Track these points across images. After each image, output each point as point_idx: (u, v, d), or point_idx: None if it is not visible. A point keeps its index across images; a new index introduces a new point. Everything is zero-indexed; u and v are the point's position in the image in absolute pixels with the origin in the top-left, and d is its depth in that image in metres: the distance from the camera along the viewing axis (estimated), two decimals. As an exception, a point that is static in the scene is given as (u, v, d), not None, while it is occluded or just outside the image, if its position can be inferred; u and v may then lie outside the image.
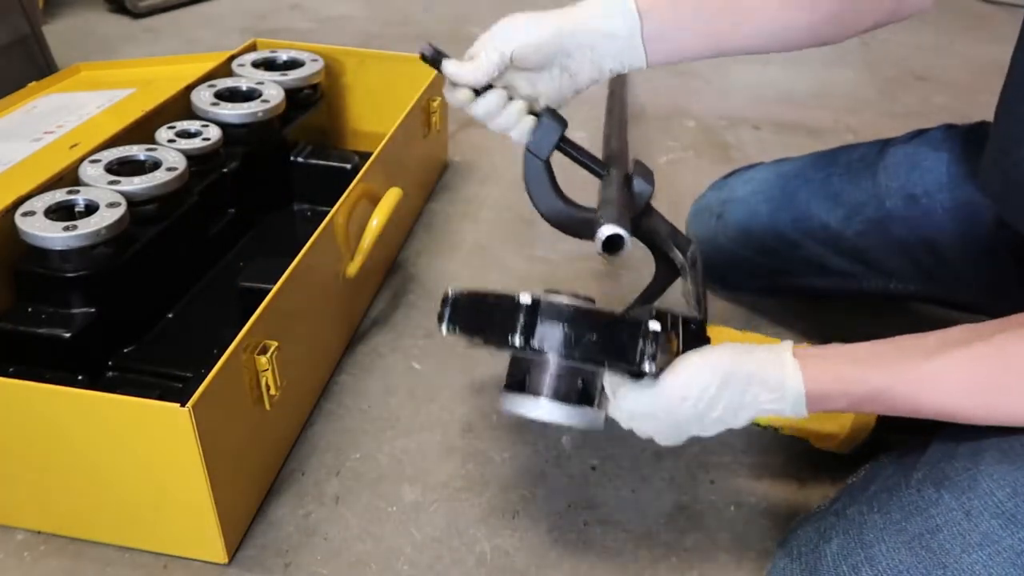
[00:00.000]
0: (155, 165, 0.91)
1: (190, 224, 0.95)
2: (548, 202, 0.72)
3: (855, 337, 0.60)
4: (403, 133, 1.08)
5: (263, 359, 0.70)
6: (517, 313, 0.58)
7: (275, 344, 0.71)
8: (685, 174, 1.38)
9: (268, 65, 1.19)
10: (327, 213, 0.86)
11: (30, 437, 0.66)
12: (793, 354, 0.58)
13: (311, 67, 1.18)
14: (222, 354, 0.65)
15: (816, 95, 1.72)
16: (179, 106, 1.06)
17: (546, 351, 0.58)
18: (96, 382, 0.83)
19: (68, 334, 0.80)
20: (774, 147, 1.50)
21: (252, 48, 1.25)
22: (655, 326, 0.58)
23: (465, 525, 0.77)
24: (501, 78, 0.67)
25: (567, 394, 0.60)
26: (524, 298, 0.58)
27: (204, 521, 0.68)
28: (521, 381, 0.61)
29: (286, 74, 1.15)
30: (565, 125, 0.69)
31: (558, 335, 0.58)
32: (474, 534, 0.76)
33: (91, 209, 0.83)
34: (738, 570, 0.74)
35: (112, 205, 0.83)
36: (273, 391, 0.72)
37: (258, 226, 1.10)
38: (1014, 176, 0.68)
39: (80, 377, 0.82)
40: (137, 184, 0.87)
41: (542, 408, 0.60)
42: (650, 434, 0.62)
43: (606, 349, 0.58)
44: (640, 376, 0.59)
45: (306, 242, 0.81)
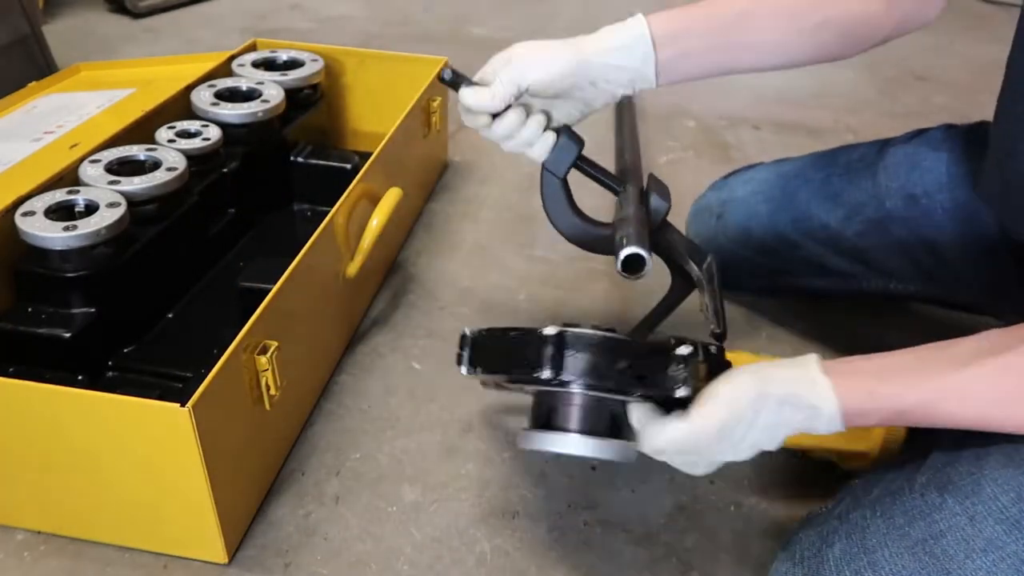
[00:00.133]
0: (155, 165, 0.91)
1: (190, 224, 0.95)
2: (566, 220, 0.73)
3: (855, 337, 0.61)
4: (403, 133, 1.08)
5: (263, 359, 0.70)
6: (544, 345, 0.56)
7: (275, 344, 0.71)
8: (685, 174, 1.38)
9: (268, 65, 1.19)
10: (327, 213, 0.86)
11: (30, 437, 0.66)
12: (823, 371, 0.57)
13: (311, 67, 1.18)
14: (222, 354, 0.65)
15: (816, 95, 1.72)
16: (179, 106, 1.06)
17: (575, 382, 0.57)
18: (96, 382, 0.83)
19: (68, 334, 0.80)
20: (774, 147, 1.50)
21: (252, 48, 1.25)
22: (684, 350, 0.57)
23: (465, 525, 0.77)
24: (515, 101, 0.69)
25: (597, 428, 0.59)
26: (549, 330, 0.57)
27: (204, 521, 0.68)
28: (546, 419, 0.60)
29: (286, 74, 1.15)
30: (582, 144, 0.70)
31: (588, 364, 0.56)
32: (474, 534, 0.76)
33: (91, 209, 0.83)
34: (738, 570, 0.74)
35: (112, 205, 0.83)
36: (273, 391, 0.72)
37: (258, 226, 1.10)
38: (1014, 183, 0.68)
39: (80, 377, 0.82)
40: (137, 184, 0.87)
41: (573, 443, 0.59)
42: (681, 465, 0.61)
43: (638, 376, 0.57)
44: (670, 403, 0.58)
45: (306, 242, 0.81)
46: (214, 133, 1.00)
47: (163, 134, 0.99)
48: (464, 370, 0.62)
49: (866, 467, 0.77)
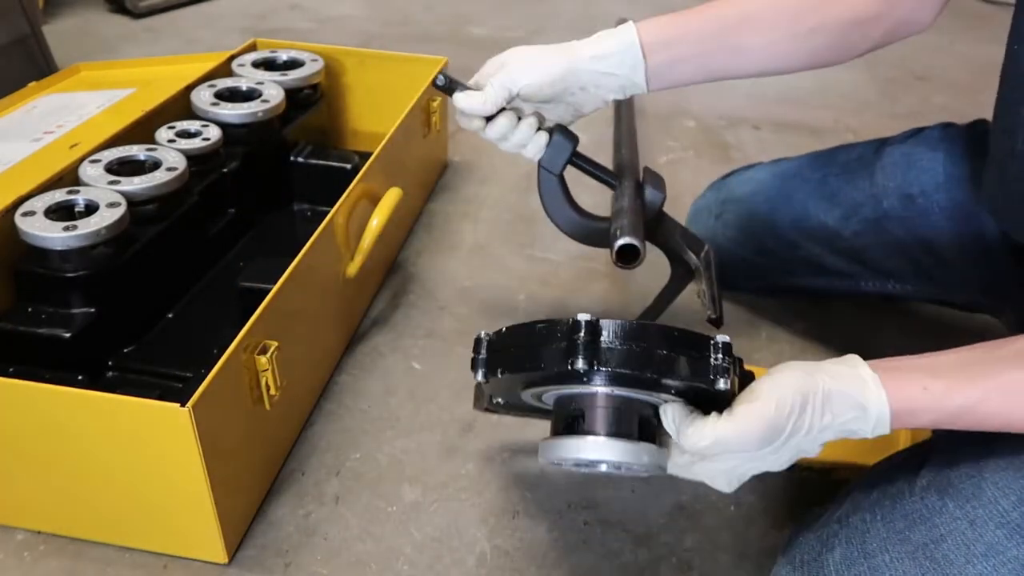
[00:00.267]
0: (155, 165, 0.91)
1: (190, 224, 0.95)
2: (564, 215, 0.74)
3: (855, 337, 0.60)
4: (403, 133, 1.08)
5: (263, 359, 0.70)
6: (577, 333, 0.52)
7: (275, 344, 0.71)
8: (685, 174, 1.38)
9: (268, 65, 1.19)
10: (327, 213, 0.86)
11: (30, 437, 0.66)
12: (871, 368, 0.54)
13: (311, 67, 1.18)
14: (222, 354, 0.65)
15: (816, 95, 1.72)
16: (179, 106, 1.06)
17: (612, 373, 0.52)
18: (96, 382, 0.83)
19: (68, 334, 0.80)
20: (774, 147, 1.50)
21: (252, 48, 1.25)
22: (722, 338, 0.53)
23: (465, 525, 0.77)
24: (507, 104, 0.70)
25: (628, 431, 0.54)
26: (583, 316, 0.52)
27: (204, 521, 0.68)
28: (571, 425, 0.56)
29: (286, 74, 1.15)
30: (576, 141, 0.70)
31: (627, 353, 0.51)
32: (474, 534, 0.76)
33: (91, 209, 0.83)
34: (738, 570, 0.74)
35: (112, 205, 0.83)
36: (273, 391, 0.72)
37: (258, 226, 1.10)
38: (1014, 183, 0.68)
39: (80, 377, 0.82)
40: (137, 184, 0.87)
41: (601, 448, 0.53)
42: (712, 476, 0.58)
43: (679, 365, 0.52)
44: (704, 403, 0.54)
45: (306, 242, 0.81)
46: (214, 133, 1.00)
47: (163, 134, 0.99)
48: (480, 375, 0.57)
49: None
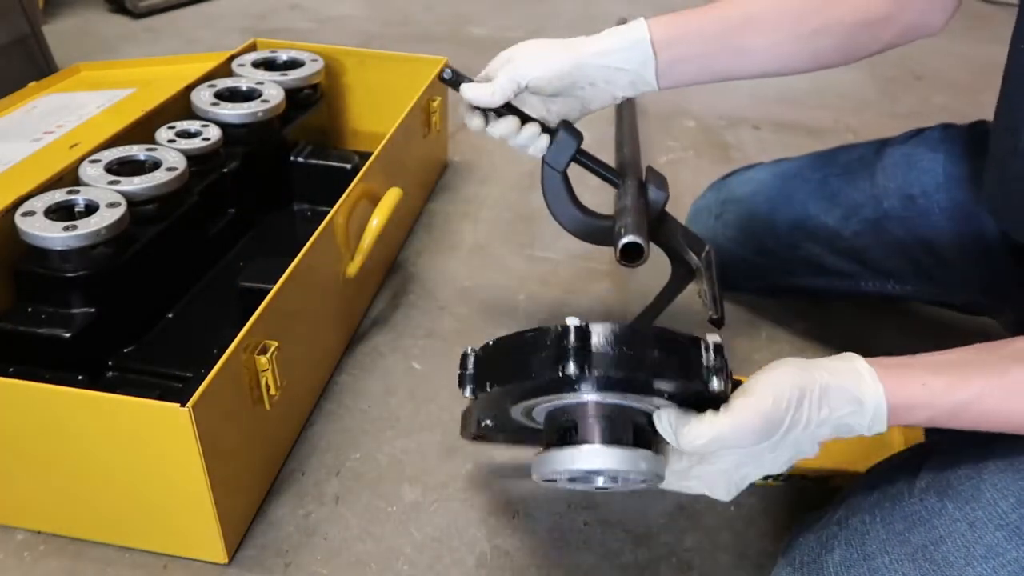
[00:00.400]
0: (155, 165, 0.91)
1: (190, 224, 0.95)
2: (567, 212, 0.74)
3: (855, 337, 0.60)
4: (403, 133, 1.08)
5: (263, 359, 0.70)
6: (566, 339, 0.51)
7: (275, 344, 0.71)
8: (685, 174, 1.38)
9: (268, 65, 1.19)
10: (327, 213, 0.86)
11: (30, 437, 0.66)
12: (867, 364, 0.54)
13: (311, 67, 1.18)
14: (222, 354, 0.65)
15: (816, 95, 1.72)
16: (179, 106, 1.06)
17: (604, 378, 0.51)
18: (96, 382, 0.83)
19: (68, 334, 0.80)
20: (774, 147, 1.51)
21: (252, 48, 1.25)
22: (714, 339, 0.53)
23: (465, 525, 0.77)
24: (516, 99, 0.70)
25: (623, 438, 0.53)
26: (572, 320, 0.52)
27: (204, 521, 0.68)
28: (563, 437, 0.55)
29: (286, 74, 1.15)
30: (581, 139, 0.70)
31: (618, 356, 0.51)
32: (474, 534, 0.76)
33: (91, 209, 0.83)
34: (738, 570, 0.74)
35: (112, 205, 0.83)
36: (273, 391, 0.72)
37: (258, 226, 1.10)
38: (1015, 182, 0.68)
39: (80, 377, 0.82)
40: (137, 184, 0.87)
41: (597, 456, 0.52)
42: (710, 482, 0.58)
43: (672, 367, 0.51)
44: (701, 405, 0.54)
45: (306, 242, 0.81)
46: (214, 133, 1.00)
47: (163, 134, 0.99)
48: (468, 391, 0.56)
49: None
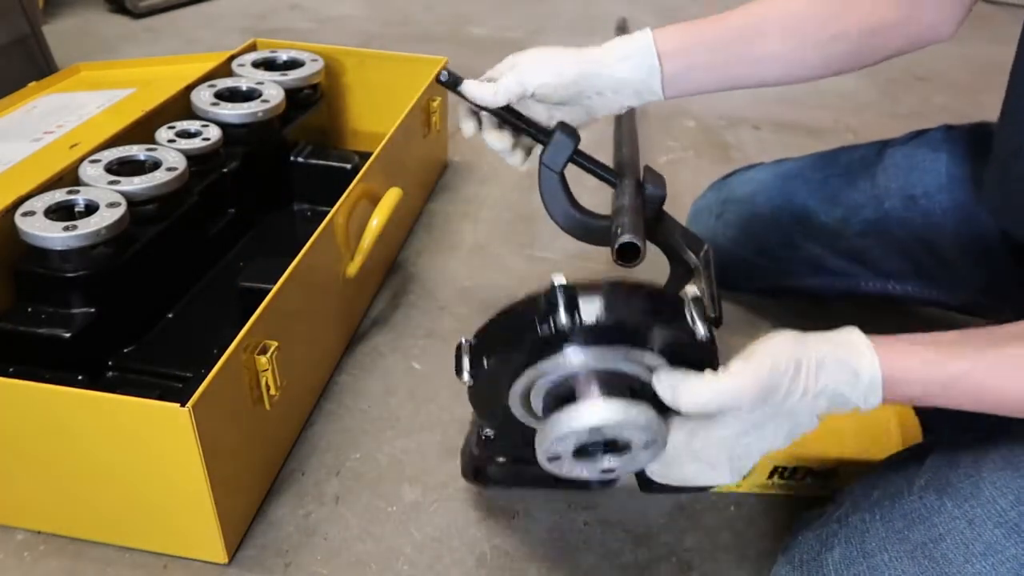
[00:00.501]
0: (155, 165, 0.91)
1: (190, 224, 0.95)
2: (564, 213, 0.74)
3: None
4: (403, 133, 1.08)
5: (263, 359, 0.70)
6: (554, 296, 0.53)
7: (275, 344, 0.71)
8: (685, 174, 1.38)
9: (268, 65, 1.19)
10: (327, 213, 0.86)
11: (30, 437, 0.66)
12: (863, 336, 0.54)
13: (311, 67, 1.18)
14: (222, 354, 0.65)
15: (816, 95, 1.72)
16: (179, 106, 1.06)
17: (594, 327, 0.52)
18: (96, 382, 0.83)
19: (68, 334, 0.80)
20: (774, 147, 1.51)
21: (252, 48, 1.25)
22: (694, 291, 0.54)
23: (465, 525, 0.77)
24: (520, 104, 0.70)
25: (623, 395, 0.54)
26: (558, 279, 0.54)
27: (204, 521, 0.68)
28: (562, 402, 0.55)
29: (286, 74, 1.15)
30: (578, 139, 0.70)
31: (604, 303, 0.52)
32: (474, 534, 0.76)
33: (91, 209, 0.83)
34: (738, 570, 0.74)
35: (112, 205, 0.83)
36: (273, 391, 0.72)
37: (258, 226, 1.10)
38: (1017, 183, 0.68)
39: (80, 377, 0.82)
40: (137, 184, 0.87)
41: (596, 410, 0.52)
42: (712, 458, 0.56)
43: (658, 315, 0.53)
44: (693, 358, 0.54)
45: (306, 242, 0.81)
46: (214, 133, 1.00)
47: (163, 134, 0.99)
48: (465, 376, 0.57)
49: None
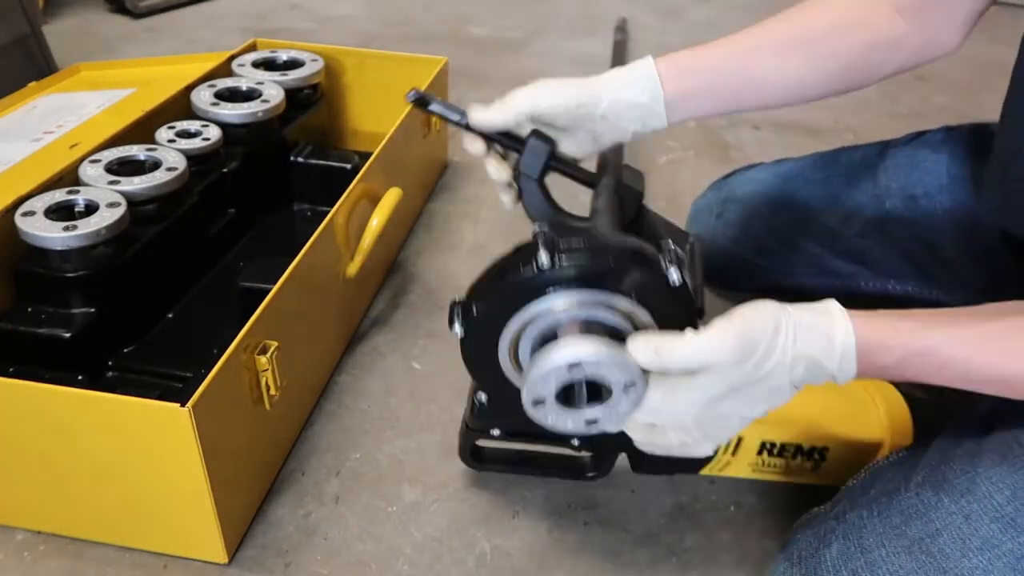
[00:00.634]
0: (155, 165, 0.91)
1: (190, 224, 0.95)
2: (544, 218, 0.74)
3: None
4: (403, 133, 1.08)
5: (263, 359, 0.70)
6: (536, 241, 0.56)
7: (275, 344, 0.71)
8: (685, 174, 1.38)
9: (268, 65, 1.19)
10: (327, 213, 0.86)
11: (30, 437, 0.66)
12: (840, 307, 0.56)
13: (311, 67, 1.18)
14: (222, 354, 0.65)
15: (816, 95, 1.72)
16: (179, 106, 1.06)
17: (574, 267, 0.55)
18: (96, 382, 0.83)
19: (68, 334, 0.80)
20: (774, 147, 1.51)
21: (252, 48, 1.25)
22: (670, 244, 0.57)
23: (465, 525, 0.77)
24: (525, 128, 0.69)
25: (601, 334, 0.56)
26: (540, 226, 0.59)
27: (204, 521, 0.68)
28: (545, 342, 0.58)
29: (286, 74, 1.15)
30: (553, 144, 0.70)
31: (584, 246, 0.56)
32: (474, 534, 0.76)
33: (91, 209, 0.83)
34: (738, 570, 0.75)
35: (112, 205, 0.83)
36: (273, 391, 0.72)
37: (258, 226, 1.10)
38: (1018, 183, 0.68)
39: (80, 377, 0.82)
40: (137, 184, 0.87)
41: (576, 345, 0.54)
42: (684, 420, 0.56)
43: (633, 256, 0.56)
44: (669, 306, 0.56)
45: (306, 242, 0.81)
46: (214, 133, 1.00)
47: (163, 134, 0.99)
48: (458, 326, 0.60)
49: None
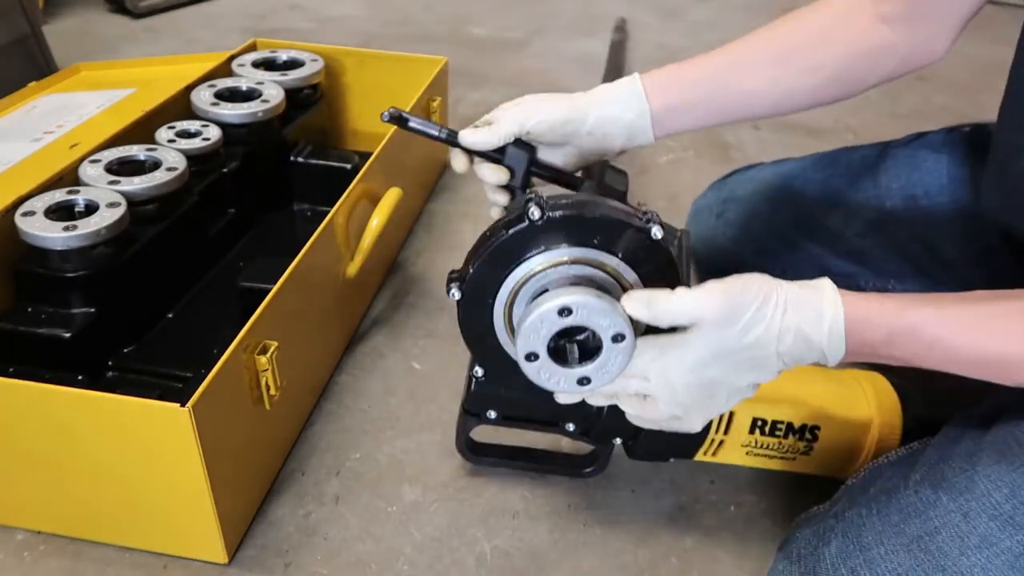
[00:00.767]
0: (155, 165, 0.91)
1: (190, 224, 0.95)
2: None
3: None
4: (403, 133, 1.08)
5: (263, 359, 0.70)
6: (527, 202, 0.58)
7: (275, 344, 0.71)
8: (685, 174, 1.38)
9: (268, 65, 1.19)
10: (327, 213, 0.86)
11: (30, 437, 0.66)
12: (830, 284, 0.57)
13: (311, 67, 1.18)
14: (222, 354, 0.65)
15: (816, 95, 1.72)
16: (179, 106, 1.06)
17: (561, 218, 0.58)
18: (96, 382, 0.83)
19: (68, 334, 0.80)
20: (774, 147, 1.50)
21: (252, 48, 1.25)
22: (649, 211, 0.60)
23: (465, 525, 0.77)
24: (516, 137, 0.69)
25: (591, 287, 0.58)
26: (530, 191, 0.61)
27: (204, 521, 0.68)
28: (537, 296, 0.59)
29: (286, 74, 1.15)
30: (533, 150, 0.71)
31: (572, 205, 0.58)
32: (474, 534, 0.76)
33: (91, 209, 0.83)
34: (738, 570, 0.75)
35: (112, 205, 0.83)
36: (273, 391, 0.72)
37: (258, 226, 1.10)
38: (1017, 182, 0.68)
39: (80, 377, 0.82)
40: (137, 184, 0.87)
41: (564, 294, 0.55)
42: (672, 385, 0.58)
43: (616, 213, 0.58)
44: (652, 262, 0.58)
45: (306, 242, 0.81)
46: (214, 133, 1.00)
47: (163, 134, 0.99)
48: (454, 289, 0.62)
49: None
